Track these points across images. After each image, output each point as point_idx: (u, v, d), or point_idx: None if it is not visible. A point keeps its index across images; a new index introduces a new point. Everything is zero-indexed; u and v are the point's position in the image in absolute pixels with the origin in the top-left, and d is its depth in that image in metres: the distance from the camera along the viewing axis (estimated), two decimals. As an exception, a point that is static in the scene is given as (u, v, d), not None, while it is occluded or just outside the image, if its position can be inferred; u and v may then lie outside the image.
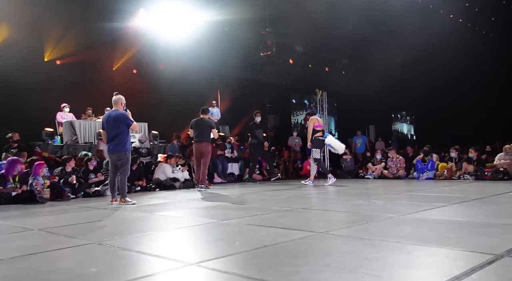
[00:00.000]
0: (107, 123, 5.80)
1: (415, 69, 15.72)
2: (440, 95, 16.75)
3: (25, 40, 10.74)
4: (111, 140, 5.76)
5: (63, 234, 3.38)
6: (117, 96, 5.97)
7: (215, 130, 8.01)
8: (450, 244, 2.49)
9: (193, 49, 13.16)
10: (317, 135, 8.20)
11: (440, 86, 16.17)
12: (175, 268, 2.20)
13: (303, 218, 3.85)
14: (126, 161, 5.77)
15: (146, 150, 9.66)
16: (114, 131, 5.72)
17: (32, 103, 10.37)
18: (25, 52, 10.74)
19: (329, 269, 2.04)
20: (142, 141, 9.65)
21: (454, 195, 5.70)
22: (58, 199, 6.67)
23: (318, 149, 8.23)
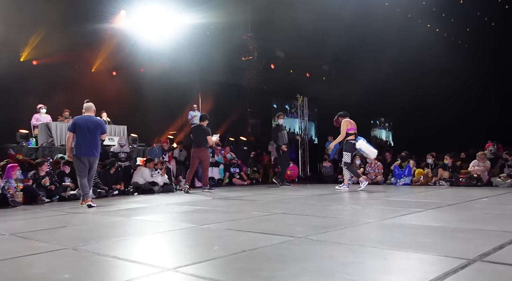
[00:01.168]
0: (85, 127, 5.88)
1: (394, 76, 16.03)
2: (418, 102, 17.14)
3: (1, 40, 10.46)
4: (86, 144, 5.86)
5: (36, 239, 3.28)
6: (90, 103, 6.26)
7: (209, 137, 8.45)
8: (425, 249, 2.54)
9: (174, 52, 13.08)
10: (349, 138, 7.84)
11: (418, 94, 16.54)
12: (152, 273, 2.17)
13: (282, 223, 3.86)
14: (95, 166, 6.09)
15: (125, 154, 9.45)
16: (92, 136, 5.91)
17: (6, 103, 10.09)
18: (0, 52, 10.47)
19: (307, 274, 2.05)
20: (122, 145, 9.41)
21: (430, 200, 5.83)
22: (32, 203, 6.49)
23: (349, 153, 7.89)
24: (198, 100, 15.15)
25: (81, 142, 5.86)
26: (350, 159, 7.99)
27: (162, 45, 12.87)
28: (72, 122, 6.07)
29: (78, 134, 5.88)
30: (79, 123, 5.92)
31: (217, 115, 15.01)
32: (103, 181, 7.78)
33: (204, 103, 15.33)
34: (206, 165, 8.47)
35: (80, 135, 5.87)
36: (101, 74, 13.28)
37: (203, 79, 15.43)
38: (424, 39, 14.83)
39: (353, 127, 7.91)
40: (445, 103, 16.51)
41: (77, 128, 5.88)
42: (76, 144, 5.92)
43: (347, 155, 7.92)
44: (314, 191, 7.91)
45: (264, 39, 15.44)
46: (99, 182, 7.63)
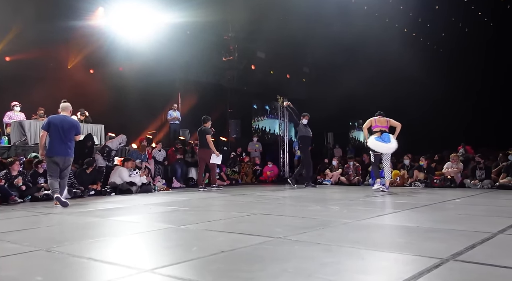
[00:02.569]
0: (60, 127, 5.81)
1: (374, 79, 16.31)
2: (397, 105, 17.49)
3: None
4: (59, 144, 5.80)
5: (7, 240, 3.17)
6: (67, 103, 6.19)
7: (208, 136, 8.99)
8: (401, 249, 2.59)
9: (154, 51, 12.91)
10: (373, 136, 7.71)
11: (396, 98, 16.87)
12: (129, 275, 2.13)
13: (261, 224, 3.87)
14: (69, 165, 6.03)
15: (114, 153, 9.40)
16: (67, 136, 5.87)
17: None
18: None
19: (286, 274, 2.06)
20: (122, 143, 9.46)
21: (406, 201, 5.95)
22: (4, 203, 6.28)
23: (370, 152, 7.86)
24: (178, 99, 15.02)
25: (55, 141, 5.79)
26: (373, 158, 7.89)
27: (142, 44, 12.68)
28: (46, 120, 5.97)
29: (52, 133, 5.80)
30: (54, 123, 5.83)
31: (196, 115, 14.90)
32: (79, 181, 7.61)
33: (184, 103, 15.20)
34: (211, 165, 9.02)
35: (54, 135, 5.80)
36: (77, 72, 12.96)
37: (183, 78, 15.30)
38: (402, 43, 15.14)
39: (378, 125, 7.75)
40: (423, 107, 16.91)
41: (52, 127, 5.81)
42: (49, 144, 5.82)
43: (370, 153, 7.94)
44: (293, 192, 7.95)
45: (244, 39, 15.45)
46: (74, 182, 7.46)
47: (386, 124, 7.76)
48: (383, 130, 7.68)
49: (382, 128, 7.71)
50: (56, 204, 5.69)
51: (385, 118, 7.82)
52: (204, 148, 8.96)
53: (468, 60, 16.19)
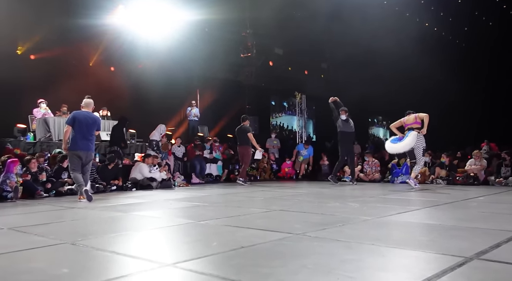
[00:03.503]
0: (84, 122, 5.94)
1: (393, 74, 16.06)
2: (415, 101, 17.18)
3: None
4: (83, 139, 5.93)
5: (35, 233, 3.28)
6: (90, 99, 6.28)
7: (250, 134, 9.49)
8: (423, 247, 2.55)
9: (172, 49, 13.04)
10: (401, 136, 7.77)
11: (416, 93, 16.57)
12: (151, 269, 2.17)
13: (280, 220, 3.87)
14: (91, 160, 6.19)
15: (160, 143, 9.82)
16: (89, 131, 6.00)
17: (4, 98, 10.04)
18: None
19: (305, 270, 2.06)
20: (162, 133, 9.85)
21: (427, 199, 5.86)
22: (30, 198, 6.48)
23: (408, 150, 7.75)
24: (196, 96, 15.13)
25: (78, 136, 5.91)
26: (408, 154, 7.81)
27: (160, 42, 12.82)
28: (71, 116, 6.07)
29: (76, 128, 5.92)
30: (79, 118, 5.96)
31: (215, 112, 15.01)
32: (101, 176, 7.78)
33: (202, 100, 15.31)
34: (246, 160, 9.57)
35: (78, 130, 5.92)
36: (99, 69, 13.21)
37: (201, 75, 15.40)
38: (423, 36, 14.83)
39: (407, 124, 7.71)
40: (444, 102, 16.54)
41: (76, 122, 5.93)
42: (72, 139, 5.95)
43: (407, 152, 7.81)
44: (312, 189, 7.93)
45: (262, 36, 15.42)
46: (97, 178, 7.63)
47: (415, 120, 7.65)
48: (412, 127, 7.59)
49: (410, 126, 7.64)
50: (80, 199, 5.82)
51: (414, 115, 7.71)
52: (244, 145, 9.48)
53: (492, 54, 15.75)
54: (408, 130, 7.65)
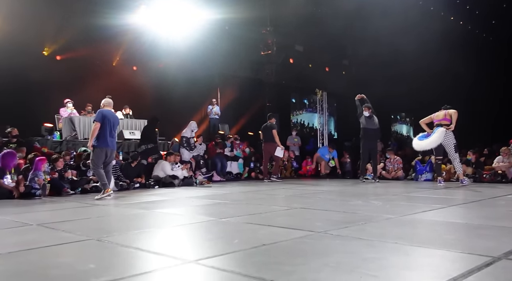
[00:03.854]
0: (111, 121, 6.16)
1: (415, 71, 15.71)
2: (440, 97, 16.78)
3: (25, 35, 10.71)
4: (110, 137, 6.12)
5: (62, 229, 3.38)
6: (111, 99, 6.47)
7: (274, 130, 9.66)
8: (448, 246, 2.50)
9: (193, 47, 13.15)
10: (429, 132, 7.66)
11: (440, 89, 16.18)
12: (174, 265, 2.21)
13: (302, 218, 3.86)
14: (114, 158, 6.44)
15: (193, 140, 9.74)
16: (113, 129, 6.22)
17: (31, 98, 10.37)
18: (24, 47, 10.75)
19: (327, 269, 2.05)
20: (194, 130, 9.79)
21: (453, 197, 5.72)
22: (57, 195, 6.68)
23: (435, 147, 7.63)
24: (217, 94, 15.22)
25: (106, 134, 6.07)
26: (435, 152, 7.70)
27: (181, 40, 12.95)
28: (101, 113, 6.14)
29: (104, 126, 6.07)
30: (108, 116, 6.14)
31: (235, 110, 15.06)
32: (124, 174, 7.94)
33: (223, 98, 15.39)
34: (276, 157, 9.77)
35: (105, 128, 6.07)
36: (121, 69, 13.48)
37: (222, 73, 15.48)
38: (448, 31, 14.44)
39: (436, 119, 7.58)
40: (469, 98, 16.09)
41: (106, 120, 6.09)
42: (100, 136, 6.05)
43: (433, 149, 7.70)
44: (333, 187, 7.87)
45: (283, 33, 15.35)
46: (120, 175, 7.79)
47: (444, 116, 7.47)
48: (440, 123, 7.43)
49: (439, 122, 7.48)
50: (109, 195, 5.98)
51: (444, 111, 7.53)
52: (269, 142, 9.63)
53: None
54: (436, 127, 7.49)
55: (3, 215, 4.45)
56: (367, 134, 8.89)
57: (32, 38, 11.15)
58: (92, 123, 6.41)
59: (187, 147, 9.55)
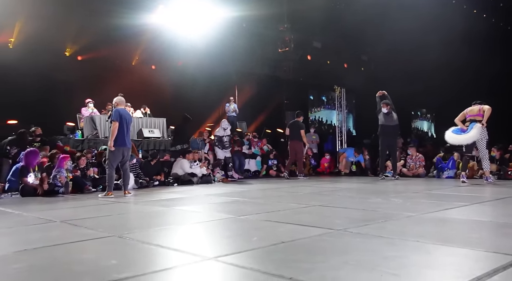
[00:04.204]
0: (127, 119, 6.18)
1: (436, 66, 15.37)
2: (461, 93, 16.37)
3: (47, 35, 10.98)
4: (127, 136, 6.15)
5: (85, 226, 3.45)
6: (122, 97, 6.49)
7: (303, 130, 9.78)
8: (472, 245, 2.44)
9: (211, 45, 13.20)
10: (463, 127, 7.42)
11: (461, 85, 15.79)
12: (193, 262, 2.23)
13: (321, 215, 3.84)
14: (129, 156, 6.38)
15: (228, 137, 9.52)
16: (128, 128, 6.21)
17: (54, 98, 10.62)
18: (47, 47, 11.02)
19: (347, 267, 2.03)
20: (225, 128, 9.53)
21: (476, 194, 5.59)
22: (79, 192, 6.83)
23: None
24: (234, 92, 15.26)
25: (123, 133, 6.09)
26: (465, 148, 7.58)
27: (199, 39, 13.00)
28: (118, 112, 6.12)
29: (121, 125, 6.07)
30: (124, 115, 6.16)
31: (253, 107, 15.06)
32: (144, 172, 8.05)
33: (240, 95, 15.42)
34: (300, 155, 9.81)
35: (122, 127, 6.08)
36: (141, 68, 13.65)
37: (239, 71, 15.49)
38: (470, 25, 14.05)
39: (469, 115, 7.39)
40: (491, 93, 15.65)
41: (122, 119, 6.10)
42: (118, 135, 6.03)
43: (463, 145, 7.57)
44: (352, 184, 7.79)
45: (300, 30, 15.24)
46: (140, 173, 7.90)
47: (478, 112, 7.28)
48: (474, 119, 7.26)
49: (472, 117, 7.30)
50: (125, 194, 6.08)
51: (479, 106, 7.34)
52: (296, 140, 9.70)
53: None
54: (470, 122, 7.29)
55: (28, 212, 4.58)
56: (385, 131, 8.76)
57: (54, 38, 11.41)
58: (108, 122, 6.46)
59: (219, 145, 9.50)
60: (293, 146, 9.77)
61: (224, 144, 9.51)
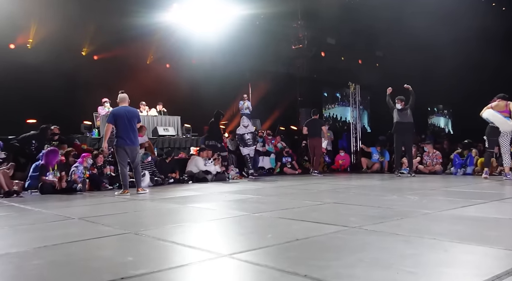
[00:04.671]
0: (125, 117, 6.05)
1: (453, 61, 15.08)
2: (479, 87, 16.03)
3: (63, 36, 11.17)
4: (126, 134, 6.03)
5: (102, 223, 3.51)
6: (124, 94, 6.35)
7: (324, 127, 10.11)
8: (490, 242, 2.39)
9: (224, 43, 13.22)
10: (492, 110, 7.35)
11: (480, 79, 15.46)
12: (208, 259, 2.24)
13: (335, 213, 3.82)
14: (137, 154, 6.24)
15: (251, 134, 9.22)
16: (130, 126, 6.07)
17: (72, 97, 10.81)
18: (64, 47, 11.22)
19: (362, 264, 2.02)
20: (245, 125, 9.21)
21: (495, 191, 5.48)
22: (96, 189, 6.95)
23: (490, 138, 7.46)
24: (248, 89, 15.26)
25: (122, 132, 6.02)
26: (488, 144, 7.50)
27: (213, 37, 13.03)
28: (111, 114, 6.18)
29: (119, 124, 6.04)
30: (119, 114, 6.07)
31: (267, 105, 15.04)
32: (159, 170, 8.13)
33: (254, 93, 15.41)
34: (318, 152, 9.98)
35: (121, 126, 6.03)
36: (155, 67, 13.77)
37: (253, 69, 15.48)
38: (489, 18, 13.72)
39: (496, 111, 7.24)
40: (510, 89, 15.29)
41: (117, 119, 6.04)
42: (117, 135, 6.09)
43: (484, 138, 7.51)
44: (367, 181, 7.72)
45: (314, 26, 15.14)
46: (156, 171, 7.99)
47: (505, 108, 7.10)
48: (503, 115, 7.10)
49: (501, 113, 7.13)
50: (138, 191, 6.14)
51: (505, 102, 7.14)
52: (316, 137, 9.92)
53: None
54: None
55: (48, 209, 4.68)
56: (400, 128, 8.65)
57: (71, 39, 11.61)
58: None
59: (241, 143, 9.37)
60: (313, 143, 9.93)
61: (247, 141, 9.25)
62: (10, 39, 11.05)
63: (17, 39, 11.22)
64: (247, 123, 9.36)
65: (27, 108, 10.18)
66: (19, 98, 10.13)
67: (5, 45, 10.90)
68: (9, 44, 11.10)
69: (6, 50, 10.80)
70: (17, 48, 11.19)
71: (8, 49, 11.00)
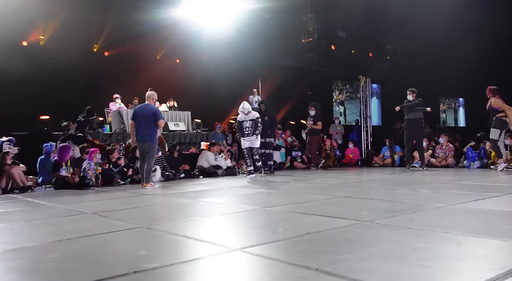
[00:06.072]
0: (141, 115, 6.37)
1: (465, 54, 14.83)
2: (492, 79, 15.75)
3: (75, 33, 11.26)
4: (140, 131, 6.36)
5: (115, 218, 3.55)
6: (151, 91, 6.66)
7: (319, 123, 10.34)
8: (505, 236, 2.36)
9: (234, 38, 13.18)
10: (499, 115, 7.59)
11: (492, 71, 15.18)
12: (220, 253, 2.26)
13: (346, 207, 3.81)
14: (153, 151, 6.47)
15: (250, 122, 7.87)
16: (146, 123, 6.35)
17: (83, 93, 10.91)
18: (75, 45, 11.31)
19: (375, 258, 2.01)
20: (246, 112, 8.01)
21: (509, 184, 5.39)
22: (108, 185, 7.03)
23: (497, 130, 7.63)
24: (258, 84, 15.22)
25: (137, 129, 6.40)
26: (497, 136, 7.59)
27: (222, 31, 13.00)
28: (133, 111, 6.65)
29: (137, 122, 6.41)
30: (137, 112, 6.47)
31: (277, 99, 14.98)
32: (169, 165, 8.18)
33: (264, 87, 15.37)
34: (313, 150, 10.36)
35: (137, 123, 6.41)
36: (165, 62, 13.82)
37: (262, 63, 15.42)
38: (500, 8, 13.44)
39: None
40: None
41: (136, 116, 6.42)
42: (135, 132, 6.45)
43: (495, 131, 7.60)
44: (378, 175, 7.67)
45: (324, 20, 14.99)
46: (167, 166, 8.04)
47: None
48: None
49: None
50: (143, 186, 6.27)
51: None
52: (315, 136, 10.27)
53: None
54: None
55: (62, 204, 4.75)
56: (410, 123, 8.61)
57: (82, 35, 11.70)
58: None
59: (239, 132, 8.19)
60: (310, 141, 10.39)
61: (244, 130, 7.91)
62: (22, 36, 11.18)
63: (30, 36, 11.35)
64: (247, 109, 7.99)
65: (40, 104, 10.32)
66: (32, 95, 10.26)
67: (17, 42, 11.04)
68: (21, 41, 11.23)
69: (18, 47, 10.93)
70: (29, 45, 11.32)
71: (21, 46, 11.14)
